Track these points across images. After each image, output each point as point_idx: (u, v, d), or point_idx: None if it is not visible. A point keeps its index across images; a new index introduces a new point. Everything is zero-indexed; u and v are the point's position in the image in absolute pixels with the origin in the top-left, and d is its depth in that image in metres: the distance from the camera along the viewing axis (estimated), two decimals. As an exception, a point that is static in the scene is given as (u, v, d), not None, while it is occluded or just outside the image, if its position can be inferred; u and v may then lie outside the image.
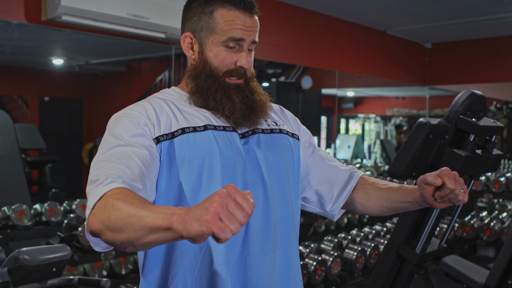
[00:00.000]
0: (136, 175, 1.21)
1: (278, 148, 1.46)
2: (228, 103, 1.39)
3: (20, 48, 6.70)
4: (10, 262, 2.44)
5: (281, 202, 1.43)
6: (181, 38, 1.46)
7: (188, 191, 1.31)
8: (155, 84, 8.21)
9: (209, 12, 1.39)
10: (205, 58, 1.41)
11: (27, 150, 6.33)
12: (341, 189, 1.58)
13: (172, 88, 1.49)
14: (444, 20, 6.24)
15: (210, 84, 1.40)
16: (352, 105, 12.15)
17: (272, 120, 1.52)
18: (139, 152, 1.26)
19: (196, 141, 1.33)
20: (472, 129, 2.23)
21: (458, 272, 3.50)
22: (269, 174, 1.41)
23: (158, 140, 1.32)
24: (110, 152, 1.25)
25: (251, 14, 1.41)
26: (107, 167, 1.20)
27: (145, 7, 3.86)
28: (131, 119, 1.33)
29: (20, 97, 9.84)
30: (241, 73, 1.42)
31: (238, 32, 1.38)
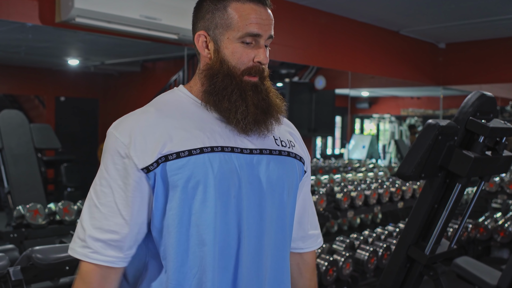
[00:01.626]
0: (120, 240, 1.29)
1: (283, 171, 1.40)
2: (242, 106, 1.32)
3: (35, 49, 6.77)
4: (23, 261, 2.48)
5: (277, 228, 1.39)
6: (195, 37, 1.38)
7: (181, 214, 1.29)
8: (169, 84, 8.25)
9: (222, 7, 1.33)
10: (221, 57, 1.34)
11: (43, 150, 6.40)
12: (299, 237, 1.59)
13: (180, 89, 1.43)
14: (458, 20, 6.20)
15: (227, 84, 1.33)
16: (367, 105, 12.11)
17: (283, 137, 1.46)
18: (122, 203, 1.29)
19: (189, 164, 1.27)
20: (482, 130, 2.22)
21: (470, 273, 3.48)
22: (269, 199, 1.37)
23: (148, 170, 1.27)
24: (100, 196, 1.31)
25: (266, 7, 1.35)
26: (97, 224, 1.29)
27: (157, 8, 3.88)
28: (114, 157, 1.30)
29: (36, 97, 9.94)
30: (259, 70, 1.35)
31: (255, 27, 1.32)
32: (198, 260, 1.28)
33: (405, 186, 5.32)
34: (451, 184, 2.35)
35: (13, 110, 5.56)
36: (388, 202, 5.14)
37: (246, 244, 1.33)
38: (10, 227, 4.22)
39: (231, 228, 1.31)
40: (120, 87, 9.84)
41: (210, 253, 1.28)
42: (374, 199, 4.96)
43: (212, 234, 1.28)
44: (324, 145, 10.27)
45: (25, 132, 5.26)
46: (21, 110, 7.06)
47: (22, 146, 5.16)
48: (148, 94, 8.84)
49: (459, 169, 2.23)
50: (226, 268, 1.31)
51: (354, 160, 8.23)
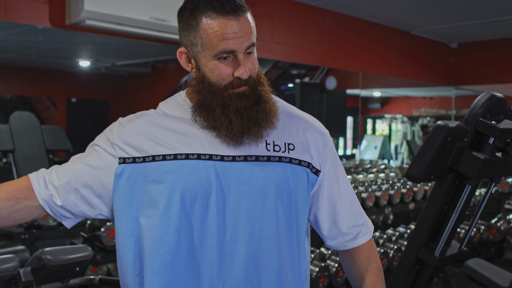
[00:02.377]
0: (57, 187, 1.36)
1: (270, 178, 1.35)
2: (226, 122, 1.30)
3: (46, 51, 6.82)
4: (33, 262, 2.50)
5: (264, 235, 1.34)
6: (177, 53, 1.38)
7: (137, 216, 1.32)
8: (180, 85, 8.27)
9: (195, 25, 1.29)
10: (202, 74, 1.33)
11: (54, 151, 6.44)
12: (336, 235, 1.54)
13: (181, 94, 1.43)
14: (470, 20, 6.16)
15: (211, 101, 1.31)
16: (379, 105, 12.07)
17: (280, 140, 1.40)
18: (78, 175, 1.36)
19: (160, 169, 1.30)
20: (492, 132, 2.20)
21: (481, 275, 3.45)
22: (251, 206, 1.33)
23: (124, 161, 1.33)
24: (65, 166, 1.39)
25: (238, 16, 1.27)
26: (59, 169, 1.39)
27: (166, 10, 3.90)
28: (107, 136, 1.39)
29: (48, 99, 10.01)
30: (241, 82, 1.31)
31: (229, 43, 1.27)
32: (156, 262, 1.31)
33: (416, 187, 5.30)
34: (460, 186, 2.33)
35: (24, 112, 5.61)
36: (399, 203, 5.12)
37: (221, 252, 1.31)
38: (21, 228, 4.25)
39: (193, 233, 1.30)
40: (131, 88, 9.88)
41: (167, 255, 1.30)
42: (385, 200, 4.94)
43: (172, 238, 1.29)
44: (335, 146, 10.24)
45: (36, 133, 5.30)
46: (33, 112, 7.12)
47: (34, 147, 5.19)
48: (159, 95, 8.87)
49: (469, 170, 2.21)
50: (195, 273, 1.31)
51: (365, 161, 8.20)
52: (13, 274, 2.42)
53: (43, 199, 1.34)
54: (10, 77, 8.93)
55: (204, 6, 1.27)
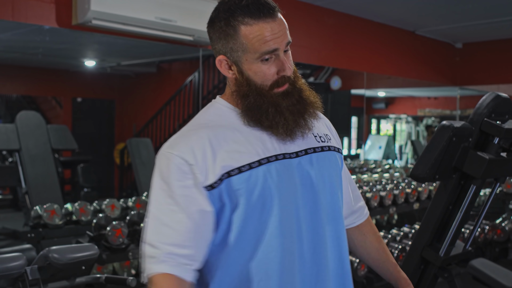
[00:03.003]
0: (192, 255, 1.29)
1: (328, 165, 1.47)
2: (281, 120, 1.36)
3: (52, 50, 6.84)
4: (40, 260, 2.51)
5: (334, 222, 1.46)
6: (216, 62, 1.41)
7: (245, 226, 1.34)
8: (185, 85, 8.28)
9: (233, 33, 1.34)
10: (246, 77, 1.37)
11: (60, 150, 6.46)
12: (349, 213, 1.70)
13: (219, 102, 1.46)
14: (475, 20, 6.15)
15: (260, 103, 1.36)
16: (384, 105, 12.04)
17: (321, 132, 1.51)
18: (192, 218, 1.30)
19: (251, 178, 1.32)
20: (497, 132, 2.21)
21: (486, 275, 3.45)
22: (322, 195, 1.43)
23: (212, 187, 1.31)
24: (165, 213, 1.30)
25: (274, 18, 1.34)
26: (163, 236, 1.28)
27: (172, 10, 3.91)
28: (177, 172, 1.31)
29: (54, 98, 10.03)
30: (285, 79, 1.38)
31: (270, 44, 1.33)
32: (263, 268, 1.34)
33: (421, 187, 5.29)
34: (465, 186, 2.33)
35: (30, 111, 5.63)
36: (403, 203, 5.12)
37: (306, 246, 1.38)
38: (28, 227, 4.27)
39: (293, 232, 1.37)
40: (136, 88, 9.88)
41: (276, 258, 1.34)
42: (390, 200, 4.94)
43: (278, 241, 1.34)
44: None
45: (43, 133, 5.32)
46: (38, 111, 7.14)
47: (40, 147, 5.21)
48: (164, 94, 8.89)
49: (474, 170, 2.21)
50: (290, 270, 1.36)
51: (370, 161, 8.19)
52: (20, 272, 2.43)
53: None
54: (16, 77, 8.95)
55: (240, 13, 1.32)
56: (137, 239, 3.64)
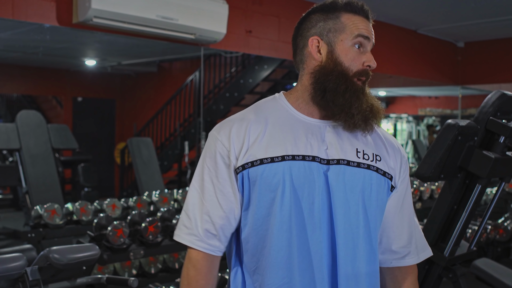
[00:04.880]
0: (213, 228, 1.46)
1: (359, 183, 1.46)
2: (357, 103, 1.44)
3: (53, 49, 6.83)
4: (40, 261, 2.49)
5: (347, 244, 1.44)
6: (309, 41, 1.50)
7: (259, 211, 1.44)
8: (186, 84, 8.27)
9: (335, 17, 1.48)
10: (335, 58, 1.46)
11: (60, 150, 6.44)
12: (385, 250, 1.60)
13: (278, 95, 1.55)
14: (477, 19, 6.13)
15: (340, 83, 1.44)
16: (384, 105, 11.99)
17: (368, 150, 1.50)
18: (223, 198, 1.46)
19: (271, 171, 1.41)
20: (502, 130, 2.18)
21: (489, 275, 3.43)
22: (340, 207, 1.43)
23: (238, 171, 1.44)
24: (204, 190, 1.48)
25: (368, 20, 1.52)
26: (199, 211, 1.47)
27: (174, 9, 3.89)
28: (216, 157, 1.47)
29: (54, 98, 10.04)
30: (367, 73, 1.49)
31: (365, 31, 1.47)
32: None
33: (423, 186, 5.27)
34: (470, 185, 2.31)
35: (31, 111, 5.61)
36: (406, 202, 5.09)
37: (318, 249, 1.43)
38: (28, 227, 4.25)
39: (305, 233, 1.42)
40: (137, 88, 9.88)
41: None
42: (392, 200, 4.92)
43: (284, 237, 1.42)
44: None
45: (43, 132, 5.30)
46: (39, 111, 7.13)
47: (40, 146, 5.20)
48: (165, 94, 8.88)
49: (479, 170, 2.19)
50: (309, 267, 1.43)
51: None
52: (20, 273, 2.42)
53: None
54: (17, 76, 8.95)
55: (343, 6, 1.49)
56: (138, 239, 3.62)
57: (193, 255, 1.47)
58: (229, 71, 8.10)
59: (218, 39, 4.30)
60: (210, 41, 4.30)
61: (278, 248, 1.42)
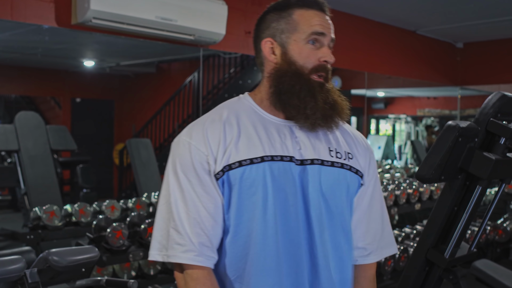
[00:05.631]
0: (207, 240, 1.37)
1: (334, 182, 1.45)
2: (311, 102, 1.40)
3: (51, 50, 6.81)
4: (39, 263, 2.48)
5: (330, 236, 1.44)
6: (262, 44, 1.48)
7: (237, 213, 1.39)
8: (185, 85, 8.26)
9: (287, 15, 1.45)
10: (289, 58, 1.43)
11: (59, 151, 6.42)
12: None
13: (244, 96, 1.52)
14: (476, 19, 6.13)
15: (295, 82, 1.41)
16: (383, 105, 12.03)
17: (340, 148, 1.50)
18: (207, 207, 1.38)
19: (252, 173, 1.37)
20: (503, 132, 2.18)
21: (490, 276, 3.43)
22: (318, 210, 1.42)
23: (217, 177, 1.38)
24: (187, 201, 1.38)
25: (325, 14, 1.49)
26: (188, 224, 1.37)
27: (173, 10, 3.88)
28: (195, 164, 1.38)
29: (53, 99, 10.01)
30: (326, 69, 1.45)
31: (319, 27, 1.44)
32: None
33: (423, 187, 5.27)
34: (471, 187, 2.31)
35: (29, 112, 5.60)
36: (405, 203, 5.09)
37: (299, 251, 1.40)
38: (27, 229, 4.24)
39: (286, 232, 1.39)
40: (135, 88, 9.86)
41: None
42: (391, 201, 4.92)
43: (271, 239, 1.38)
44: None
45: (42, 133, 5.29)
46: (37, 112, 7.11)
47: (39, 147, 5.18)
48: (163, 95, 8.86)
49: (480, 171, 2.18)
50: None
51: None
52: (19, 275, 2.41)
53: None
54: (15, 77, 8.92)
55: (296, 3, 1.45)
56: (138, 240, 3.61)
57: (196, 274, 1.36)
58: (228, 72, 8.10)
59: (218, 40, 4.29)
60: (210, 42, 4.29)
61: (266, 254, 1.37)
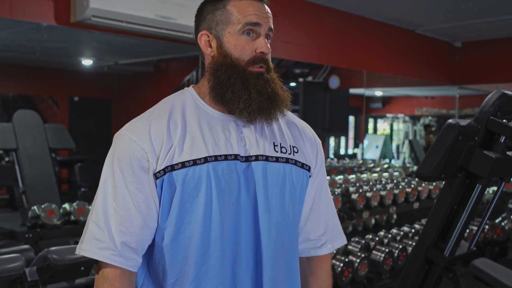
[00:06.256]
0: (132, 241, 1.32)
1: (278, 178, 1.42)
2: (245, 95, 1.36)
3: (50, 49, 6.81)
4: (39, 261, 2.48)
5: (278, 233, 1.42)
6: (198, 37, 1.43)
7: (177, 213, 1.34)
8: (183, 84, 8.25)
9: (221, 6, 1.39)
10: (224, 51, 1.38)
11: (57, 150, 6.41)
12: (304, 240, 1.59)
13: (189, 90, 1.47)
14: (474, 19, 6.14)
15: (230, 75, 1.37)
16: (381, 105, 12.04)
17: (285, 143, 1.47)
18: (138, 206, 1.33)
19: (195, 174, 1.32)
20: (503, 130, 2.18)
21: (488, 275, 3.43)
22: (264, 209, 1.40)
23: (157, 176, 1.33)
24: (117, 198, 1.33)
25: (261, 2, 1.41)
26: (114, 221, 1.31)
27: (172, 8, 3.88)
28: (132, 160, 1.34)
29: (50, 97, 10.00)
30: (263, 59, 1.39)
31: (254, 17, 1.37)
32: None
33: (421, 186, 5.27)
34: (471, 185, 2.31)
35: (28, 110, 5.59)
36: (403, 202, 5.09)
37: (243, 251, 1.38)
38: (25, 227, 4.23)
39: (231, 233, 1.36)
40: (133, 87, 9.86)
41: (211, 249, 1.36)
42: (390, 200, 4.92)
43: (216, 238, 1.34)
44: (337, 145, 10.23)
45: (40, 132, 5.28)
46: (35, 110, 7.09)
47: (37, 146, 5.18)
48: (161, 94, 8.85)
49: (480, 169, 2.19)
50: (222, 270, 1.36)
51: (368, 160, 8.18)
52: (18, 273, 2.41)
53: None
54: (13, 75, 8.92)
55: None
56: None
57: (109, 273, 1.30)
58: (226, 71, 8.08)
59: (216, 38, 4.28)
60: (209, 40, 4.29)
61: (209, 256, 1.34)
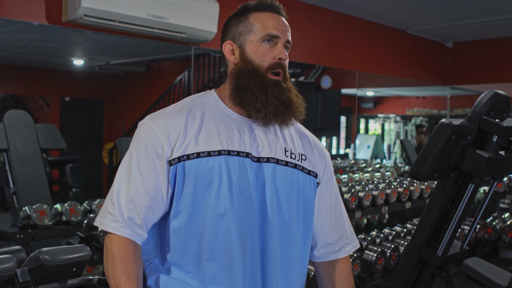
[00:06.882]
0: (137, 218, 1.45)
1: (286, 181, 1.54)
2: (262, 97, 1.49)
3: (41, 49, 6.77)
4: (30, 262, 2.46)
5: (281, 231, 1.53)
6: (223, 46, 1.59)
7: (194, 204, 1.46)
8: (175, 84, 8.24)
9: (244, 19, 1.56)
10: (246, 58, 1.53)
11: (48, 150, 6.37)
12: (323, 245, 1.72)
13: (210, 92, 1.62)
14: (466, 19, 6.17)
15: (250, 79, 1.50)
16: (372, 105, 12.07)
17: (295, 150, 1.59)
18: (147, 188, 1.46)
19: (208, 164, 1.45)
20: (495, 130, 2.19)
21: (480, 274, 3.44)
22: (272, 207, 1.51)
23: (172, 163, 1.46)
24: (130, 178, 1.47)
25: (281, 16, 1.58)
26: (124, 199, 1.45)
27: (164, 7, 3.87)
28: (148, 146, 1.47)
29: (41, 98, 9.94)
30: (281, 66, 1.53)
31: (273, 30, 1.53)
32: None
33: (413, 186, 5.29)
34: (463, 184, 2.31)
35: (19, 111, 5.54)
36: (395, 202, 5.10)
37: (249, 246, 1.48)
38: (16, 228, 4.20)
39: (239, 221, 1.46)
40: (125, 88, 9.83)
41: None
42: (382, 199, 4.92)
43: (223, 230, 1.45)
44: (329, 145, 10.25)
45: (31, 132, 5.24)
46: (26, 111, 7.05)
47: (28, 146, 5.14)
48: (153, 94, 8.83)
49: (473, 169, 2.19)
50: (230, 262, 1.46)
51: (360, 160, 8.19)
52: (10, 274, 2.39)
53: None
54: (3, 75, 8.86)
55: (253, 6, 1.57)
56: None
57: (116, 240, 1.43)
58: (218, 71, 8.08)
59: (209, 38, 4.28)
60: (201, 40, 4.28)
61: (218, 240, 1.45)
